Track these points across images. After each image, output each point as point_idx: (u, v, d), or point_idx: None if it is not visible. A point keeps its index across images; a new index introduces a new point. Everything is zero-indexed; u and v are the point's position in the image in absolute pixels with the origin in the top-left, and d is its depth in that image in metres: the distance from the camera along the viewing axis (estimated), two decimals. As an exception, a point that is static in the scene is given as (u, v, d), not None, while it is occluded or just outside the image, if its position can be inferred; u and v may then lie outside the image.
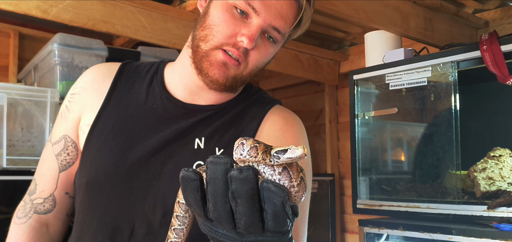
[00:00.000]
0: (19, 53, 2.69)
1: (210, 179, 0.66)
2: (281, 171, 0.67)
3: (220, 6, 1.06)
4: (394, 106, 2.22)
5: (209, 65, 1.06)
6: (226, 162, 0.66)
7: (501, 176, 1.90)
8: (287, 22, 1.08)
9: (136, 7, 2.24)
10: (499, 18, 2.49)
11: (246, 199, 0.65)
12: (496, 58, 1.77)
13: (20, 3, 1.94)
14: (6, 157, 1.85)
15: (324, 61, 3.11)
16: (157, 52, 2.42)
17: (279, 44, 1.12)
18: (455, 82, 1.95)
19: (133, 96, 1.15)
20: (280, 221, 0.66)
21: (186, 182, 0.69)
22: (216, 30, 1.05)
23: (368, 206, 2.15)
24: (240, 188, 0.64)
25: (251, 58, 1.07)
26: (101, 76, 1.18)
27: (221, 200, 0.66)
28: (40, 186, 1.15)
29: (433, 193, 2.04)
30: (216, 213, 0.67)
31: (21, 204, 1.17)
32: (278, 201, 0.65)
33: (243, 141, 0.68)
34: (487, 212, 1.76)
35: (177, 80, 1.15)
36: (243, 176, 0.64)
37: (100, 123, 1.12)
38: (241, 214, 0.65)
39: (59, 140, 1.16)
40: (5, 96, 1.86)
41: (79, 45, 2.17)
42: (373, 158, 2.33)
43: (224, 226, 0.68)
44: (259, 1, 1.04)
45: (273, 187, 0.64)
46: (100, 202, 1.06)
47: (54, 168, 1.15)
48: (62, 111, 1.19)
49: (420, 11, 2.28)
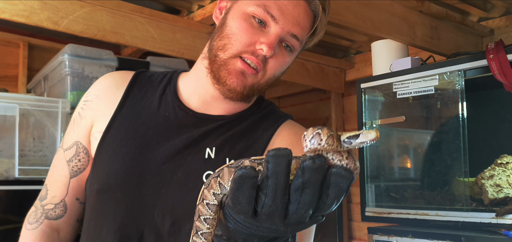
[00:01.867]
0: (28, 63, 2.70)
1: (272, 172, 0.64)
2: (348, 156, 0.68)
3: (238, 16, 1.07)
4: (402, 114, 2.21)
5: (227, 74, 1.06)
6: (289, 153, 0.65)
7: (509, 183, 1.89)
8: (304, 29, 1.09)
9: (145, 18, 2.25)
10: (504, 26, 2.49)
11: (315, 188, 0.64)
12: (503, 66, 1.77)
13: (32, 15, 1.95)
14: (18, 167, 1.85)
15: (330, 69, 3.11)
16: (165, 62, 2.43)
17: (295, 53, 1.12)
18: (462, 91, 1.95)
19: (146, 105, 1.15)
20: (338, 203, 0.67)
21: (244, 181, 0.65)
22: (235, 39, 1.05)
23: (377, 213, 2.14)
24: (312, 177, 0.64)
25: (269, 66, 1.08)
26: (115, 84, 1.18)
27: (281, 193, 0.65)
28: (51, 192, 1.15)
29: (441, 200, 2.03)
30: (272, 207, 0.65)
31: (32, 210, 1.17)
32: (346, 184, 0.65)
33: (318, 131, 0.67)
34: (496, 219, 1.75)
35: (190, 90, 1.16)
36: (317, 165, 0.64)
37: (112, 130, 1.12)
38: (305, 203, 0.65)
39: (71, 146, 1.16)
40: (17, 107, 1.87)
41: (90, 56, 2.18)
42: (380, 165, 2.32)
43: (275, 220, 0.66)
44: (277, 10, 1.05)
45: (344, 171, 0.65)
46: (109, 209, 1.06)
47: (65, 174, 1.15)
48: (74, 118, 1.19)
49: (426, 20, 2.28)
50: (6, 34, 2.65)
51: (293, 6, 1.06)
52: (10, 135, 1.87)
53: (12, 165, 1.86)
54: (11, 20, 1.92)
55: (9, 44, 2.69)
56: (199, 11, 2.39)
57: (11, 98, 1.88)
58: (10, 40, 2.68)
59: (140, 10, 2.24)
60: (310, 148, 0.67)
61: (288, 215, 0.66)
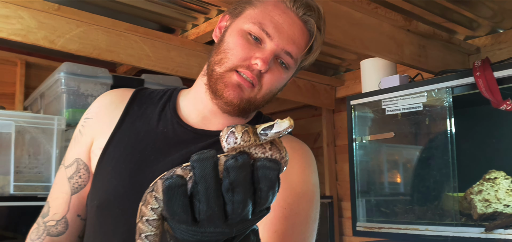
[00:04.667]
0: (25, 81, 2.67)
1: (200, 177, 0.62)
2: (271, 147, 0.66)
3: (235, 33, 1.07)
4: (391, 130, 2.22)
5: (224, 86, 1.06)
6: (213, 155, 0.63)
7: (497, 198, 1.90)
8: (299, 47, 1.09)
9: (140, 36, 2.25)
10: (490, 44, 2.52)
11: (244, 185, 0.62)
12: (489, 84, 1.79)
13: (29, 34, 1.94)
14: (13, 183, 1.83)
15: (321, 86, 3.12)
16: (160, 80, 2.42)
17: (291, 71, 1.12)
18: (450, 107, 1.96)
19: (145, 121, 1.14)
20: (274, 195, 0.65)
21: (172, 190, 0.63)
22: (231, 53, 1.06)
23: (367, 228, 2.14)
24: (238, 176, 0.62)
25: (264, 81, 1.07)
26: (115, 101, 1.18)
27: (214, 196, 0.62)
28: (53, 209, 1.14)
29: (431, 215, 2.03)
30: (208, 211, 0.62)
31: (35, 227, 1.16)
32: (274, 174, 0.63)
33: (232, 129, 0.65)
34: (485, 234, 1.75)
35: (190, 107, 1.15)
36: (240, 163, 0.62)
37: (111, 146, 1.11)
38: (239, 202, 0.62)
39: (72, 163, 1.15)
40: (13, 124, 1.86)
41: (85, 74, 2.17)
42: (370, 180, 2.32)
43: (215, 222, 0.63)
44: (273, 28, 1.05)
45: (268, 163, 0.63)
46: (108, 225, 1.05)
47: (66, 191, 1.14)
48: (75, 135, 1.18)
49: (414, 38, 2.30)
50: (4, 53, 2.64)
51: (288, 25, 1.07)
52: (5, 151, 1.86)
53: (7, 182, 1.84)
54: (8, 39, 1.92)
55: (7, 63, 2.67)
56: (193, 30, 2.40)
57: (7, 116, 1.86)
58: (7, 59, 2.66)
59: (135, 29, 2.24)
60: (228, 147, 0.65)
61: (228, 216, 0.63)
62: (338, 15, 1.93)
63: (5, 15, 1.91)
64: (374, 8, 2.06)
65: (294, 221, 1.03)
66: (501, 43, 2.47)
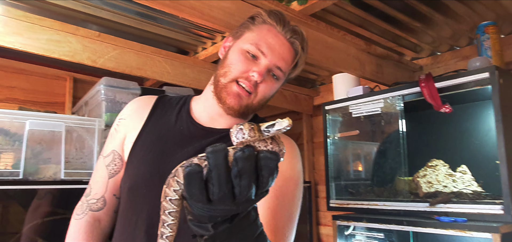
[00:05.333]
0: (73, 92, 2.66)
1: (213, 166, 0.61)
2: (272, 142, 0.64)
3: (236, 51, 1.07)
4: (356, 129, 2.21)
5: (226, 95, 1.05)
6: (224, 148, 0.62)
7: (437, 180, 1.89)
8: (287, 63, 1.08)
9: (162, 57, 2.24)
10: (430, 63, 2.51)
11: (249, 172, 0.61)
12: (432, 92, 1.78)
13: (75, 55, 1.93)
14: (63, 171, 1.81)
15: (302, 96, 3.11)
16: (177, 90, 2.41)
17: (281, 82, 1.11)
18: (402, 111, 1.95)
19: (166, 121, 1.13)
20: (273, 180, 0.63)
21: (192, 176, 0.62)
22: (233, 67, 1.05)
23: (338, 204, 2.12)
24: (245, 165, 0.61)
25: (260, 90, 1.06)
26: (142, 106, 1.17)
27: (225, 181, 0.61)
28: (94, 190, 1.13)
29: (387, 194, 2.02)
30: (220, 193, 0.61)
31: (79, 204, 1.15)
32: (274, 164, 0.62)
33: (241, 127, 0.64)
34: (429, 208, 1.74)
35: (200, 109, 1.14)
36: (246, 154, 0.61)
37: (140, 141, 1.10)
38: (245, 186, 0.61)
39: (109, 154, 1.14)
40: (63, 125, 1.84)
41: (120, 86, 2.15)
42: (340, 168, 2.31)
43: (225, 202, 0.62)
44: (266, 47, 1.05)
45: (269, 154, 0.62)
46: (137, 202, 1.04)
47: (104, 176, 1.12)
48: (111, 132, 1.17)
49: (373, 59, 2.29)
50: (56, 70, 2.62)
51: (279, 46, 1.06)
52: (58, 146, 1.84)
53: (59, 169, 1.82)
54: (60, 59, 1.91)
55: (58, 78, 2.66)
56: (202, 52, 2.38)
57: (59, 118, 1.85)
58: (59, 75, 2.64)
59: (158, 52, 2.23)
60: (237, 141, 0.64)
61: (236, 197, 0.62)
62: (315, 40, 1.93)
63: (57, 40, 1.89)
64: (342, 35, 2.06)
65: (283, 199, 1.02)
66: (438, 62, 2.46)
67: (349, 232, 2.00)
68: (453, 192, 1.78)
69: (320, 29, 1.95)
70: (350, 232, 1.99)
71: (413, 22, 2.06)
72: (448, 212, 1.66)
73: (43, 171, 1.79)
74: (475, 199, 1.67)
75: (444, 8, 1.94)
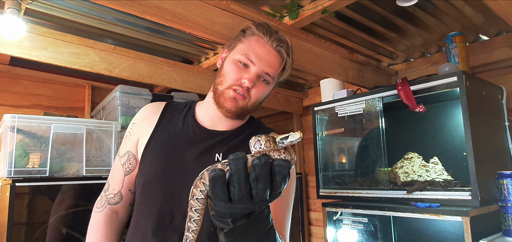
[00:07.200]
0: (92, 98, 2.64)
1: (234, 171, 0.62)
2: (284, 151, 0.65)
3: (230, 62, 1.07)
4: (341, 127, 2.20)
5: (224, 100, 1.05)
6: (244, 156, 0.63)
7: (413, 171, 1.88)
8: (274, 69, 1.07)
9: (170, 67, 2.22)
10: (404, 69, 2.51)
11: (265, 177, 0.62)
12: (407, 94, 1.77)
13: (94, 66, 1.91)
14: (85, 168, 1.80)
15: (293, 98, 3.10)
16: (184, 96, 2.39)
17: (272, 85, 1.10)
18: (381, 111, 1.94)
19: (174, 124, 1.12)
20: (285, 184, 0.64)
21: (216, 180, 0.63)
22: (228, 76, 1.05)
23: (327, 193, 2.11)
24: (261, 171, 0.62)
25: (252, 94, 1.06)
26: (153, 111, 1.16)
27: (244, 184, 0.62)
28: (111, 186, 1.12)
29: (369, 183, 2.01)
30: (240, 194, 0.63)
31: (99, 198, 1.14)
32: (286, 170, 0.63)
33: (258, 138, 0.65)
34: (407, 195, 1.73)
35: (203, 113, 1.13)
36: (263, 162, 0.62)
37: (152, 142, 1.09)
38: (261, 189, 0.62)
39: (124, 154, 1.13)
40: (84, 128, 1.82)
41: (133, 92, 2.13)
42: (328, 161, 2.30)
43: (244, 202, 0.63)
44: (255, 56, 1.05)
45: (283, 162, 0.63)
46: (150, 197, 1.03)
47: (121, 173, 1.12)
48: (126, 135, 1.16)
49: (355, 65, 2.28)
50: (77, 79, 2.60)
51: (266, 54, 1.06)
52: (79, 146, 1.81)
53: (81, 167, 1.80)
54: (80, 69, 1.89)
55: (78, 86, 2.63)
56: (205, 61, 2.36)
57: (80, 122, 1.83)
58: (79, 83, 2.62)
59: (166, 62, 2.21)
60: (254, 151, 0.65)
61: (253, 198, 0.63)
62: (305, 50, 1.91)
63: (77, 53, 1.87)
64: (328, 45, 2.05)
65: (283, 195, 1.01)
66: (412, 68, 2.46)
67: (336, 218, 1.99)
68: (427, 181, 1.77)
69: (308, 40, 1.94)
70: (337, 217, 1.98)
71: (389, 32, 2.06)
72: (424, 198, 1.66)
73: (67, 169, 1.77)
74: (446, 186, 1.67)
75: (416, 20, 1.94)
